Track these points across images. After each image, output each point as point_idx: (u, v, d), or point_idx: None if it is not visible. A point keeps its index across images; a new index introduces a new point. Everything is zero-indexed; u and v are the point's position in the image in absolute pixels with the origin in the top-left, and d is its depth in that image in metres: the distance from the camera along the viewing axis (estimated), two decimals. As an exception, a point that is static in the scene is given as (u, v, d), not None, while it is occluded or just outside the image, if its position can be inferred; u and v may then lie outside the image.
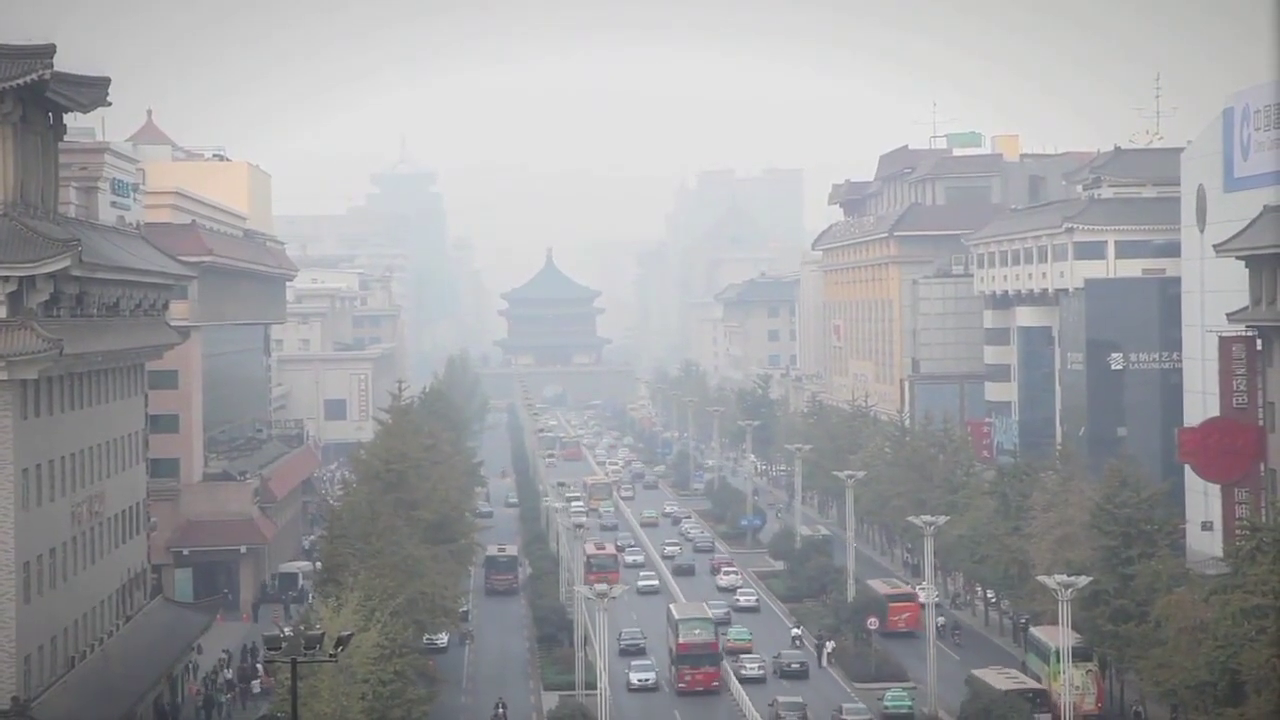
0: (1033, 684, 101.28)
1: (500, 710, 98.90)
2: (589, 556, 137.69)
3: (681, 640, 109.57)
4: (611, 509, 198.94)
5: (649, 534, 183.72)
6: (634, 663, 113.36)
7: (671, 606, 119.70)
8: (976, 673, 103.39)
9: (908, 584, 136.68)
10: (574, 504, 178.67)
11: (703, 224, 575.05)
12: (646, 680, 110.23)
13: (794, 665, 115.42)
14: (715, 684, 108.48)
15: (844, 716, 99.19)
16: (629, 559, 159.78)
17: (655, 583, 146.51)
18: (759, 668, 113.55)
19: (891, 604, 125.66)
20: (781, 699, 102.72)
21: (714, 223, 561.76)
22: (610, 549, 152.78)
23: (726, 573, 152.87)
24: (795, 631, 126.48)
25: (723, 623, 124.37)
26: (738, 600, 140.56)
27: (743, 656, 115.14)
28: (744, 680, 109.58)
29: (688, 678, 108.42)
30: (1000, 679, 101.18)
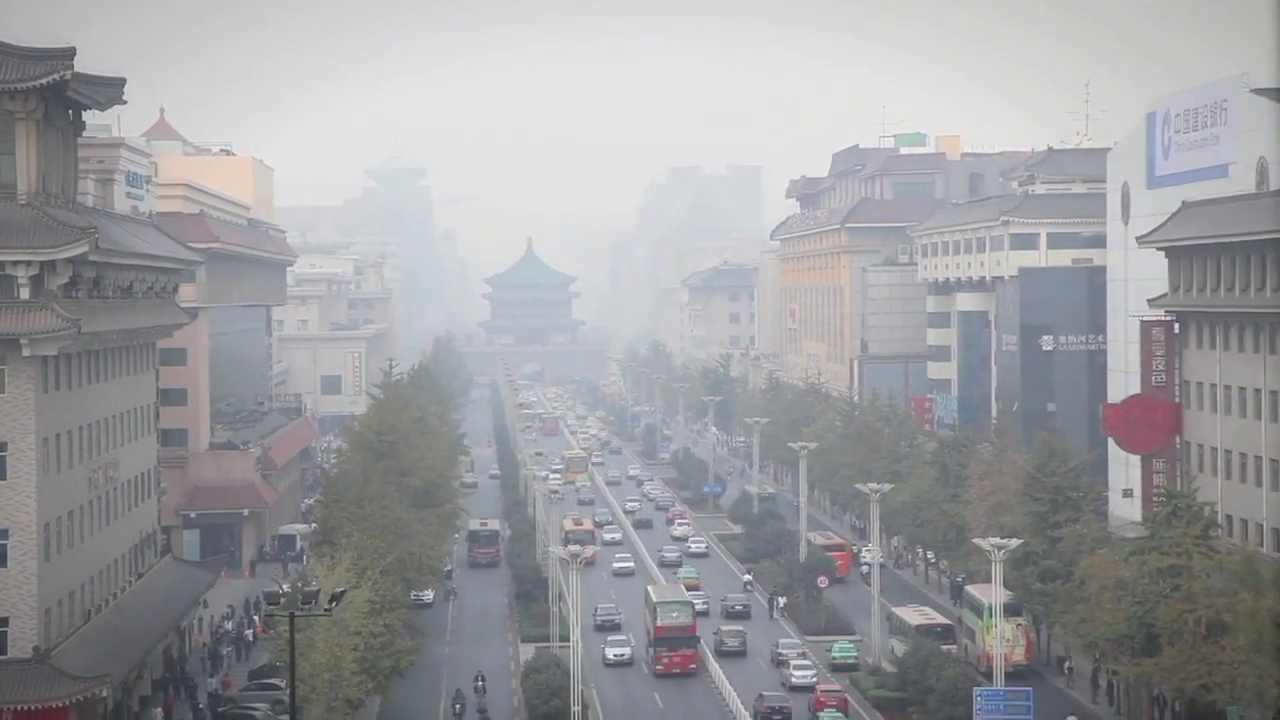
0: (941, 620, 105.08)
1: (480, 683, 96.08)
2: (567, 532, 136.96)
3: (659, 623, 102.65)
4: (588, 482, 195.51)
5: (612, 491, 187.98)
6: (610, 638, 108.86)
7: (649, 588, 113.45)
8: (895, 610, 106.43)
9: (844, 539, 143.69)
10: (552, 475, 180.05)
11: (671, 216, 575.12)
12: (622, 655, 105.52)
13: (738, 607, 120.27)
14: (692, 666, 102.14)
15: (780, 650, 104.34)
16: (607, 536, 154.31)
17: (630, 564, 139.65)
18: (703, 603, 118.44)
19: (827, 553, 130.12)
20: (725, 628, 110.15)
21: (681, 215, 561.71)
22: (588, 524, 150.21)
23: (680, 524, 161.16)
24: (746, 578, 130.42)
25: (675, 564, 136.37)
26: (689, 548, 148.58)
27: (689, 592, 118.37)
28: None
29: (665, 660, 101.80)
30: (914, 615, 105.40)
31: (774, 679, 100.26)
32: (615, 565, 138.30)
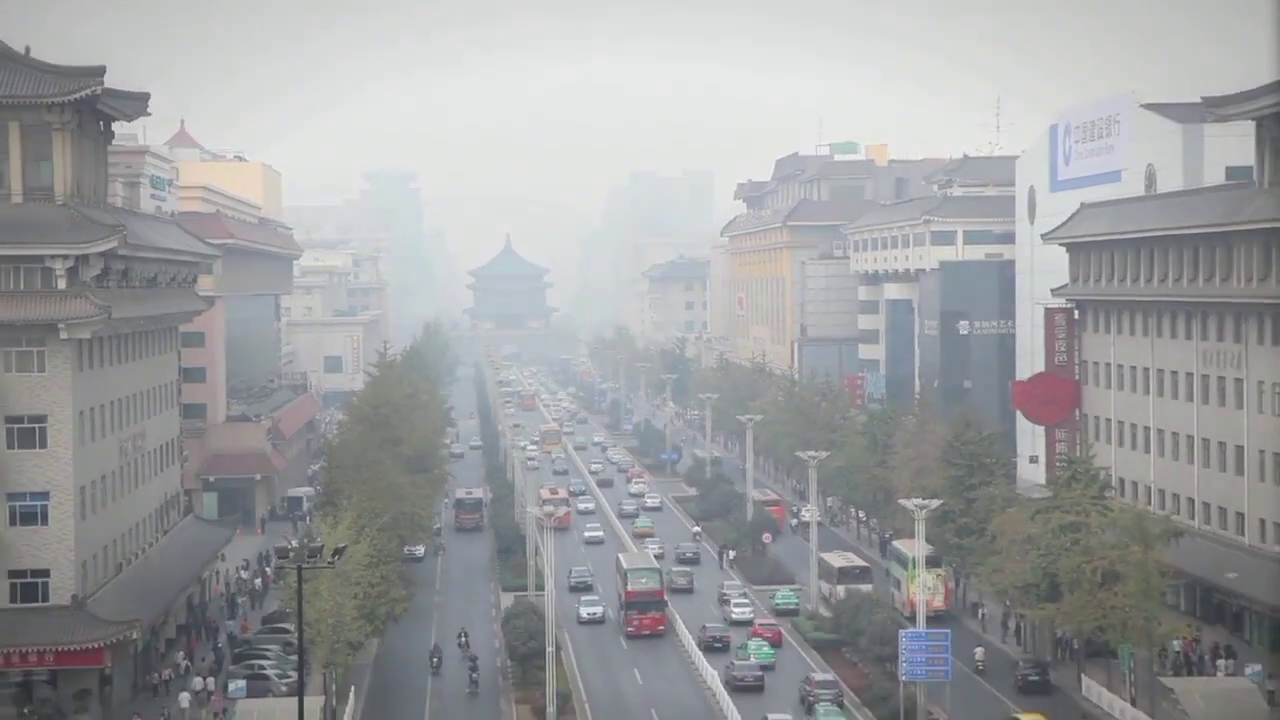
0: (860, 563, 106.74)
1: (462, 639, 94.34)
2: (544, 501, 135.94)
3: (630, 588, 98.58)
4: (562, 454, 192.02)
5: (579, 455, 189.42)
6: (583, 598, 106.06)
7: (620, 556, 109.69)
8: (823, 555, 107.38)
9: (779, 495, 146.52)
10: (530, 446, 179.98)
11: (633, 215, 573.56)
12: (595, 614, 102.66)
13: (688, 554, 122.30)
14: (661, 628, 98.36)
15: (724, 591, 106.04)
16: (580, 505, 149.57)
17: (601, 534, 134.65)
18: (658, 547, 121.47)
19: (767, 509, 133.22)
20: (675, 569, 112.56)
21: (642, 214, 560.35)
22: (563, 493, 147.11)
23: (637, 483, 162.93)
24: (695, 529, 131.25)
25: (632, 515, 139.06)
26: (645, 502, 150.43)
27: (646, 540, 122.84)
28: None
29: (635, 622, 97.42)
30: (837, 559, 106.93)
31: (719, 615, 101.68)
32: (586, 534, 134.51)
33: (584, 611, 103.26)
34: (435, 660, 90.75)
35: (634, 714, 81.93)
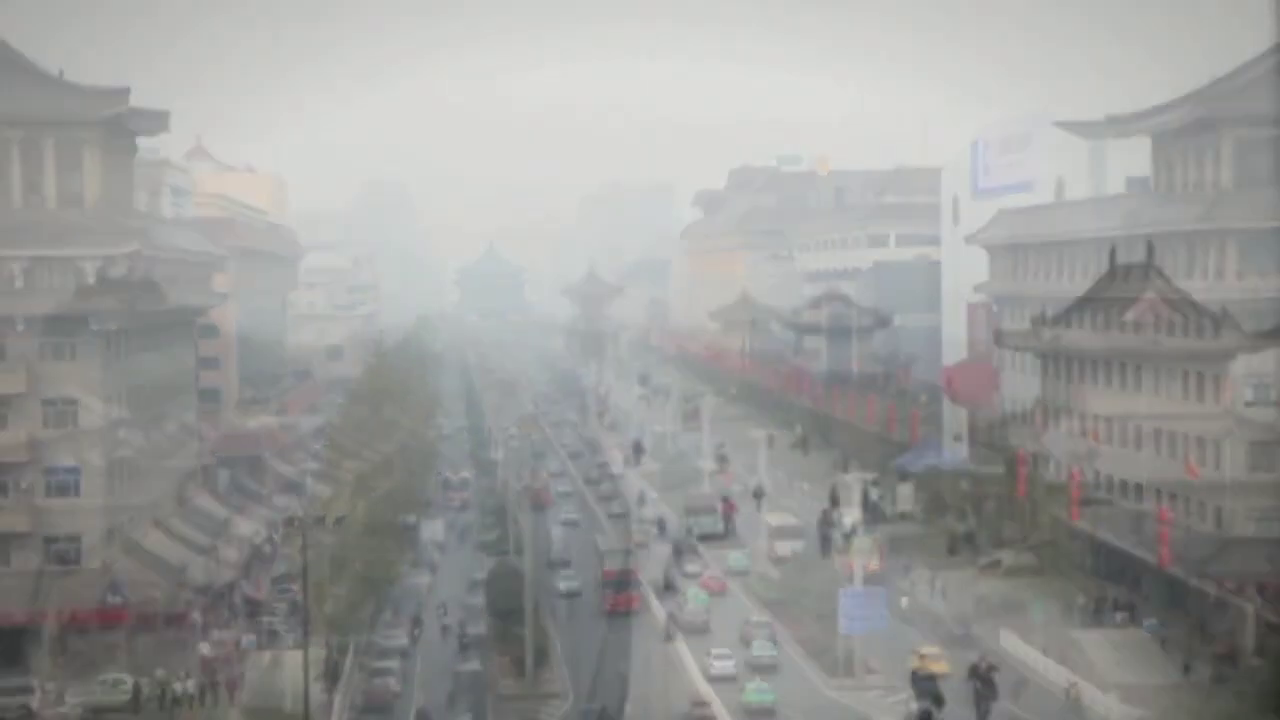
0: (794, 521, 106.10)
1: (443, 610, 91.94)
2: (524, 484, 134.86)
3: (606, 568, 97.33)
4: (541, 435, 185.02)
5: (554, 432, 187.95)
6: (562, 573, 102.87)
7: (598, 537, 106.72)
8: (765, 516, 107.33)
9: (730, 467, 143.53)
10: (510, 429, 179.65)
11: (604, 218, 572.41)
12: (572, 587, 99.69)
13: (649, 518, 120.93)
14: (636, 606, 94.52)
15: (681, 550, 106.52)
16: (559, 489, 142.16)
17: (575, 516, 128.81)
18: (621, 509, 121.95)
19: (717, 475, 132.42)
20: (635, 527, 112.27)
21: (611, 218, 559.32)
22: (544, 475, 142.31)
23: (603, 455, 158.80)
24: (653, 496, 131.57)
25: (597, 482, 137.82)
26: (611, 471, 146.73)
27: (611, 501, 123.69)
28: (611, 516, 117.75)
29: (612, 600, 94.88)
30: (775, 518, 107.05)
31: (676, 571, 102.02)
32: (564, 516, 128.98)
33: (562, 585, 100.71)
34: (416, 633, 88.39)
35: (604, 662, 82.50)
